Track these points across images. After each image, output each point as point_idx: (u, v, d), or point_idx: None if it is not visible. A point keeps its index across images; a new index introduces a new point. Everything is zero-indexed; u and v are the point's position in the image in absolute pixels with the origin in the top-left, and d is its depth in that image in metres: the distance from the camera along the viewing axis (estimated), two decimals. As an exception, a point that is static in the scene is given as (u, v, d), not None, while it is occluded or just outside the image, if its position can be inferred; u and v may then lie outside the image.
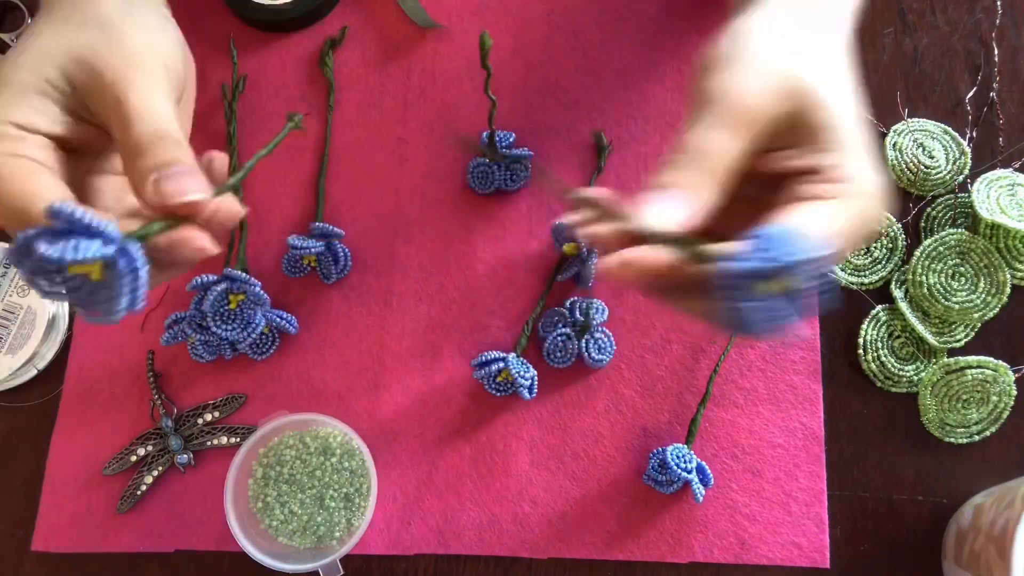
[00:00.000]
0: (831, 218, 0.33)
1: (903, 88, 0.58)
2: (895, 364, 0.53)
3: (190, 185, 0.34)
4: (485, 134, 0.55)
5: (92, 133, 0.38)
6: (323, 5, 0.60)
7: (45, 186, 0.34)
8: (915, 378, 0.53)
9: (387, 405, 0.54)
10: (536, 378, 0.52)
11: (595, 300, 0.54)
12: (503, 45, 0.59)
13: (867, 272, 0.55)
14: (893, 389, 0.54)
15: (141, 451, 0.53)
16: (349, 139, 0.58)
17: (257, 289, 0.52)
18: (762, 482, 0.52)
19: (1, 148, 0.34)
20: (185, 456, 0.53)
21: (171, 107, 0.37)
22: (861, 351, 0.54)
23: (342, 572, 0.50)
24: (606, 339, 0.53)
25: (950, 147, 0.57)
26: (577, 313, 0.53)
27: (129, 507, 0.52)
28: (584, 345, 0.53)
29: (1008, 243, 0.54)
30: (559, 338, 0.53)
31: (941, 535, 0.51)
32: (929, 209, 0.56)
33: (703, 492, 0.49)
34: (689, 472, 0.49)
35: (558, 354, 0.53)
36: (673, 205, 0.33)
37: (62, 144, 0.37)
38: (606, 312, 0.54)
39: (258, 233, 0.57)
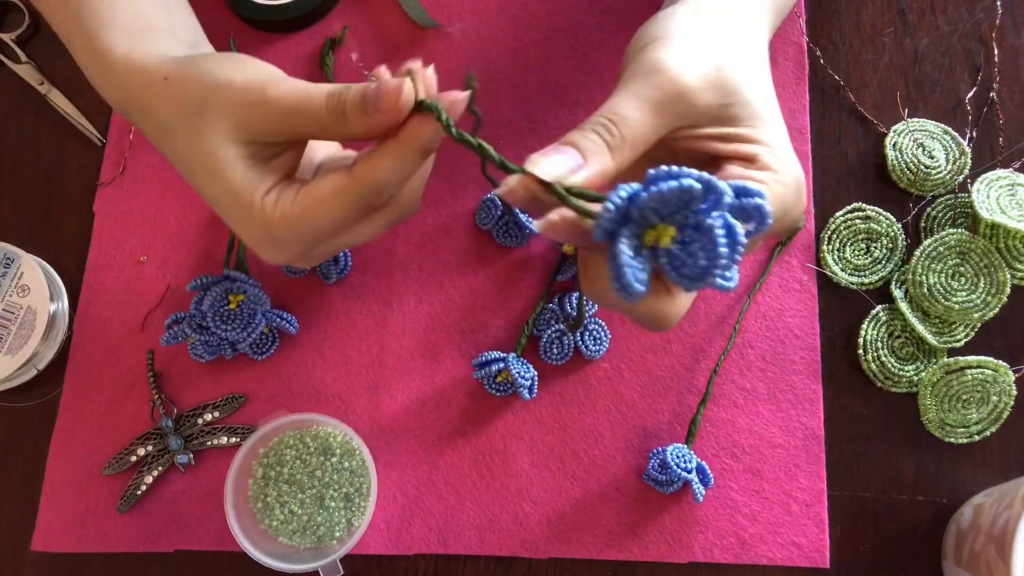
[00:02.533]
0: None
1: (903, 88, 0.58)
2: (895, 364, 0.53)
3: (398, 83, 0.36)
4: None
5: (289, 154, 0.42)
6: (323, 5, 0.60)
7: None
8: (915, 378, 0.53)
9: (387, 405, 0.54)
10: (536, 378, 0.52)
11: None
12: (503, 45, 0.59)
13: (867, 272, 0.55)
14: (893, 389, 0.54)
15: (141, 451, 0.53)
16: (349, 139, 0.58)
17: (257, 289, 0.52)
18: (762, 482, 0.52)
19: (285, 197, 0.40)
20: (185, 456, 0.53)
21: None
22: (861, 351, 0.54)
23: (342, 572, 0.50)
24: (600, 329, 0.53)
25: (950, 147, 0.57)
26: (568, 308, 0.53)
27: (129, 507, 0.52)
28: (579, 337, 0.53)
29: (1008, 243, 0.54)
30: (554, 334, 0.53)
31: (941, 535, 0.51)
32: (929, 209, 0.56)
33: (703, 492, 0.49)
34: (689, 472, 0.49)
35: (554, 350, 0.53)
36: (561, 160, 0.34)
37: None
38: (594, 304, 0.54)
39: (258, 233, 0.57)
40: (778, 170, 0.37)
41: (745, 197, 0.31)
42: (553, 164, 0.33)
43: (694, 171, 0.30)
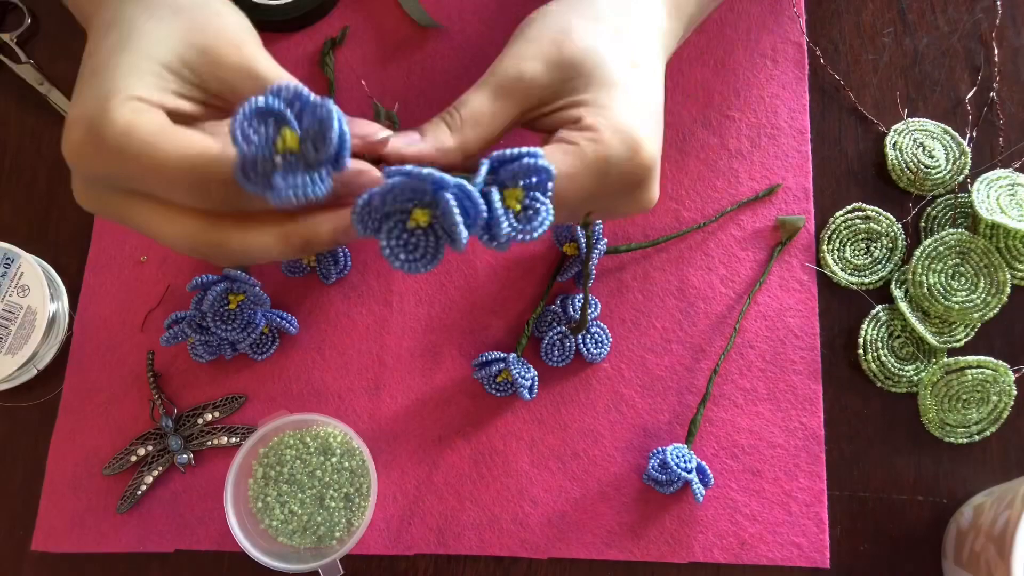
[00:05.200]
0: (558, 160, 0.38)
1: (903, 88, 0.58)
2: (895, 364, 0.53)
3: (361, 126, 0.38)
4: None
5: (200, 110, 0.39)
6: (323, 5, 0.60)
7: (184, 134, 0.36)
8: (915, 378, 0.53)
9: (387, 405, 0.54)
10: (536, 378, 0.52)
11: (591, 298, 0.54)
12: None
13: (867, 272, 0.55)
14: (893, 389, 0.54)
15: (141, 451, 0.53)
16: (349, 139, 0.58)
17: (257, 289, 0.52)
18: (762, 482, 0.52)
19: (125, 109, 0.35)
20: (185, 456, 0.53)
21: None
22: (861, 351, 0.54)
23: (342, 572, 0.50)
24: (602, 332, 0.53)
25: (950, 147, 0.57)
26: (571, 310, 0.53)
27: (129, 507, 0.52)
28: (581, 340, 0.53)
29: (1008, 243, 0.54)
30: (555, 336, 0.53)
31: (941, 535, 0.52)
32: (929, 209, 0.56)
33: (703, 492, 0.49)
34: (689, 472, 0.49)
35: (556, 352, 0.53)
36: (403, 138, 0.39)
37: (177, 120, 0.38)
38: (599, 307, 0.54)
39: (258, 233, 0.57)
40: (598, 128, 0.38)
41: (516, 162, 0.35)
42: (396, 139, 0.39)
43: (423, 170, 0.34)
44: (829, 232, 0.56)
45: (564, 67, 0.40)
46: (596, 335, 0.53)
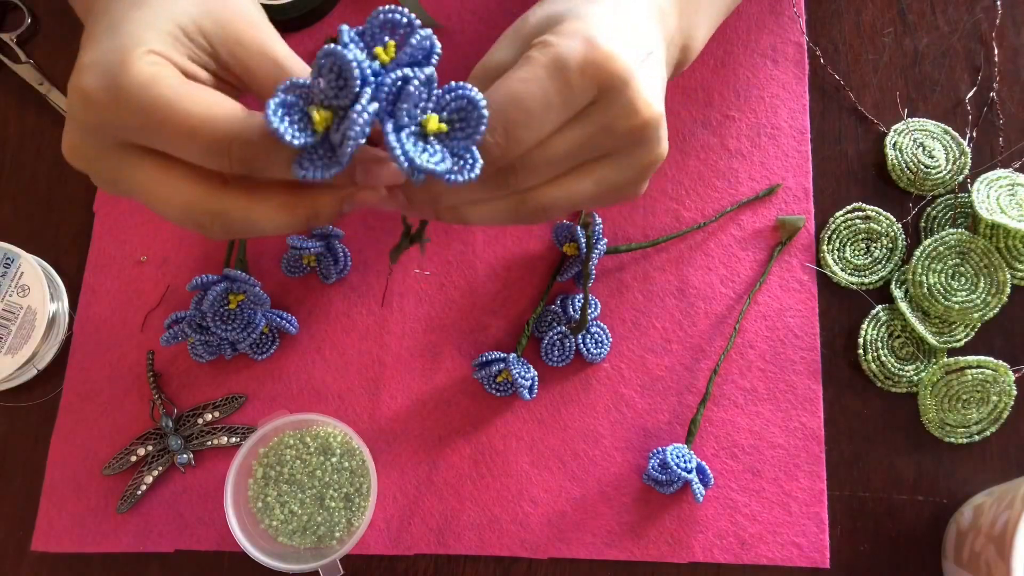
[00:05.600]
0: (509, 74, 0.36)
1: (903, 88, 0.58)
2: (895, 364, 0.53)
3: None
4: None
5: (211, 80, 0.38)
6: (323, 5, 0.60)
7: (208, 91, 0.35)
8: (915, 378, 0.53)
9: (387, 405, 0.54)
10: (536, 378, 0.52)
11: (591, 298, 0.54)
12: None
13: (867, 272, 0.55)
14: (893, 389, 0.54)
15: (141, 451, 0.53)
16: (349, 139, 0.58)
17: (257, 289, 0.52)
18: (762, 482, 0.52)
19: (146, 60, 0.34)
20: (185, 456, 0.53)
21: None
22: (861, 351, 0.54)
23: (342, 572, 0.50)
24: (602, 332, 0.53)
25: (950, 147, 0.57)
26: (571, 311, 0.53)
27: (129, 507, 0.52)
28: (581, 340, 0.53)
29: (1008, 243, 0.54)
30: (555, 336, 0.53)
31: (941, 535, 0.51)
32: (929, 209, 0.56)
33: (703, 492, 0.49)
34: (689, 472, 0.49)
35: (556, 353, 0.53)
36: None
37: None
38: (599, 307, 0.54)
39: (258, 233, 0.57)
40: (550, 42, 0.36)
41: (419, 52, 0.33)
42: None
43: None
44: (829, 232, 0.56)
45: (551, 19, 0.38)
46: (596, 335, 0.53)
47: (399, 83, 0.33)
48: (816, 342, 0.54)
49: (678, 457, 0.49)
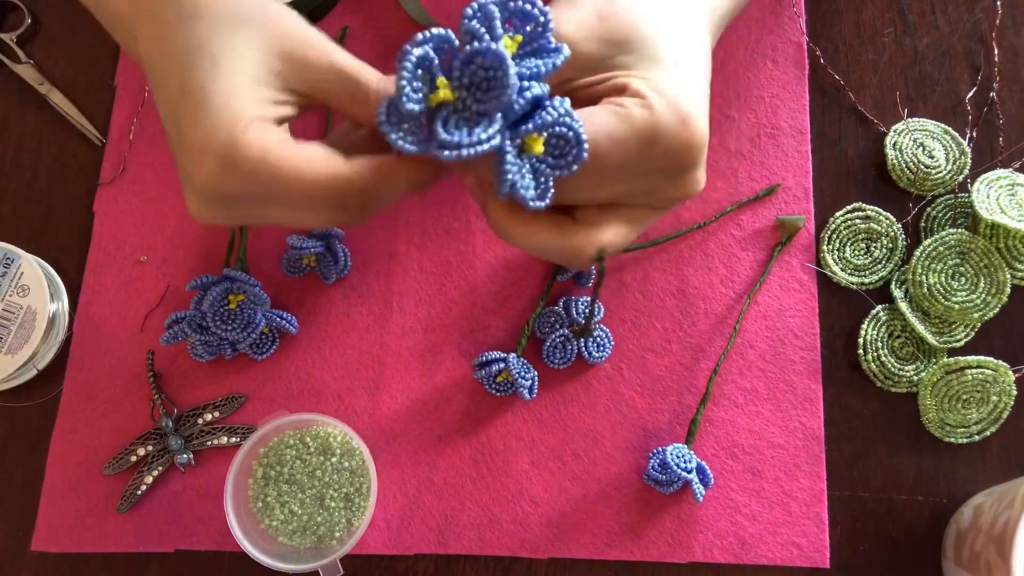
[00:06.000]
0: (603, 121, 0.35)
1: (903, 88, 0.58)
2: (895, 364, 0.53)
3: None
4: None
5: (295, 111, 0.39)
6: (323, 5, 0.60)
7: (313, 150, 0.37)
8: (915, 378, 0.53)
9: (387, 405, 0.54)
10: (536, 378, 0.52)
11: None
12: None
13: (867, 272, 0.55)
14: (893, 389, 0.54)
15: (141, 451, 0.53)
16: (349, 139, 0.58)
17: (257, 289, 0.52)
18: (762, 482, 0.52)
19: (255, 129, 0.36)
20: (185, 456, 0.53)
21: None
22: (861, 351, 0.54)
23: (342, 572, 0.50)
24: (604, 336, 0.53)
25: (950, 147, 0.57)
26: (574, 313, 0.53)
27: (129, 507, 0.52)
28: (583, 344, 0.53)
29: (1008, 243, 0.54)
30: (558, 339, 0.53)
31: (941, 535, 0.52)
32: (929, 209, 0.56)
33: (703, 492, 0.49)
34: (689, 472, 0.49)
35: (557, 355, 0.53)
36: None
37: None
38: (602, 310, 0.54)
39: (258, 233, 0.57)
40: (647, 95, 0.36)
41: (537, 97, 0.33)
42: None
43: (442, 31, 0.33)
44: (829, 232, 0.56)
45: (608, 42, 0.38)
46: (598, 338, 0.53)
47: (532, 102, 0.33)
48: (816, 342, 0.54)
49: (678, 457, 0.49)
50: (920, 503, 0.52)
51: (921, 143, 0.57)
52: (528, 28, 0.34)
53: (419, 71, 0.33)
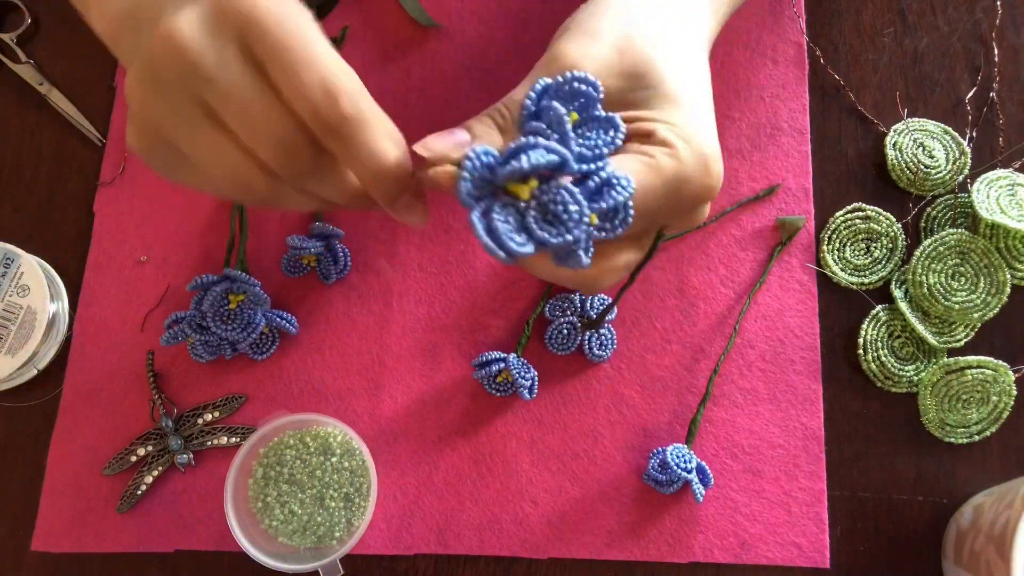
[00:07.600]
0: (635, 171, 0.36)
1: (903, 88, 0.58)
2: (895, 364, 0.53)
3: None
4: None
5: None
6: (323, 5, 0.60)
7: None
8: (915, 378, 0.53)
9: (387, 405, 0.54)
10: (536, 378, 0.52)
11: (607, 299, 0.54)
12: (503, 45, 0.59)
13: (867, 272, 0.55)
14: (893, 389, 0.54)
15: (141, 451, 0.53)
16: (349, 139, 0.58)
17: (257, 289, 0.52)
18: (762, 482, 0.52)
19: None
20: (185, 456, 0.53)
21: None
22: (861, 351, 0.54)
23: (342, 572, 0.50)
24: (609, 335, 0.53)
25: (950, 147, 0.57)
26: (588, 307, 0.53)
27: (129, 507, 0.52)
28: (588, 337, 0.53)
29: (1008, 243, 0.54)
30: (564, 326, 0.53)
31: (941, 535, 0.52)
32: (929, 209, 0.56)
33: (703, 492, 0.49)
34: (689, 472, 0.49)
35: (559, 340, 0.53)
36: (449, 139, 0.36)
37: None
38: (615, 312, 0.54)
39: (258, 233, 0.57)
40: (673, 143, 0.37)
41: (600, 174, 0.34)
42: (436, 141, 0.36)
43: (551, 144, 0.32)
44: (829, 232, 0.56)
45: (628, 76, 0.38)
46: (603, 336, 0.53)
47: (594, 185, 0.33)
48: (816, 342, 0.54)
49: (678, 457, 0.49)
50: (920, 503, 0.52)
51: (921, 143, 0.57)
52: (578, 103, 0.35)
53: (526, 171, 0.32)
